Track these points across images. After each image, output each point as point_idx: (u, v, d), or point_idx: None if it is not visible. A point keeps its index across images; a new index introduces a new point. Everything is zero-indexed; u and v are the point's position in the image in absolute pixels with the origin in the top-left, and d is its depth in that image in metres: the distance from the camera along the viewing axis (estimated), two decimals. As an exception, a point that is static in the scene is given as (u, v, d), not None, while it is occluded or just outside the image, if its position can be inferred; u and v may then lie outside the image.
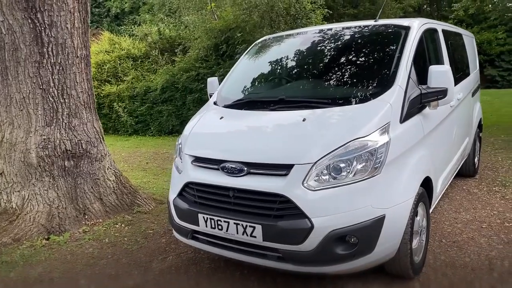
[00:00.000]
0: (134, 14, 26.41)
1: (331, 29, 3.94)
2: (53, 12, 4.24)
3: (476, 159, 5.76)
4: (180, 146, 3.38)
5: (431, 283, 3.11)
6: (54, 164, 4.43)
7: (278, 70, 3.96)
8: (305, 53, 3.87)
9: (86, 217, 4.60)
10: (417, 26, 3.52)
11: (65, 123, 4.48)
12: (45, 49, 4.27)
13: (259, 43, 4.35)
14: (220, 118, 3.37)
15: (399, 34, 3.44)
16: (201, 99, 11.22)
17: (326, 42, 3.84)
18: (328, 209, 2.59)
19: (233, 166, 2.84)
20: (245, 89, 3.90)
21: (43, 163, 4.37)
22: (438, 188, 3.70)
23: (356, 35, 3.77)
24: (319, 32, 3.98)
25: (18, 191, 4.35)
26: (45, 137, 4.37)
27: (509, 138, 8.42)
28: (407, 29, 3.47)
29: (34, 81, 4.29)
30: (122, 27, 20.63)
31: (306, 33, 4.12)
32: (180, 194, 3.18)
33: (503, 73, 22.50)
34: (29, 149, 4.32)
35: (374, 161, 2.65)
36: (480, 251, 3.54)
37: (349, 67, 3.48)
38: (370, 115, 2.83)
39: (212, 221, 2.88)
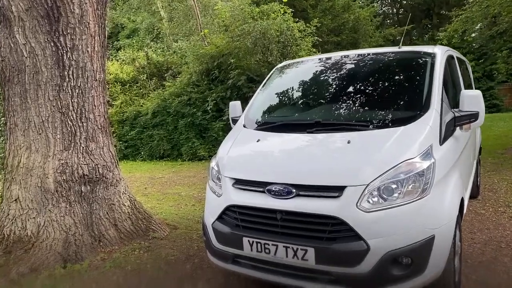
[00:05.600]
0: (113, 38, 26.39)
1: (356, 55, 4.05)
2: (75, 35, 4.20)
3: (478, 180, 5.95)
4: (216, 169, 3.34)
5: (472, 302, 3.15)
6: (71, 189, 4.29)
7: (308, 94, 4.01)
8: (334, 77, 3.93)
9: (101, 244, 4.45)
10: (441, 53, 3.68)
11: (83, 147, 4.38)
12: (66, 72, 4.21)
13: (280, 67, 4.41)
14: (257, 141, 3.37)
15: (427, 60, 3.57)
16: (193, 123, 11.20)
17: (354, 67, 3.93)
18: (383, 231, 2.60)
19: (281, 188, 2.82)
20: (274, 112, 3.93)
21: (61, 188, 4.23)
22: (465, 209, 3.79)
23: (383, 61, 3.87)
24: (344, 58, 4.07)
25: (34, 217, 4.18)
26: (63, 161, 4.24)
27: (497, 160, 8.74)
28: (433, 55, 3.61)
29: (54, 104, 4.19)
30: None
31: (330, 58, 4.18)
32: (220, 218, 3.12)
33: (474, 99, 23.55)
34: (47, 174, 4.18)
35: (423, 182, 2.70)
36: (507, 270, 3.62)
37: (382, 91, 3.56)
38: (414, 137, 2.90)
39: (259, 244, 2.83)
